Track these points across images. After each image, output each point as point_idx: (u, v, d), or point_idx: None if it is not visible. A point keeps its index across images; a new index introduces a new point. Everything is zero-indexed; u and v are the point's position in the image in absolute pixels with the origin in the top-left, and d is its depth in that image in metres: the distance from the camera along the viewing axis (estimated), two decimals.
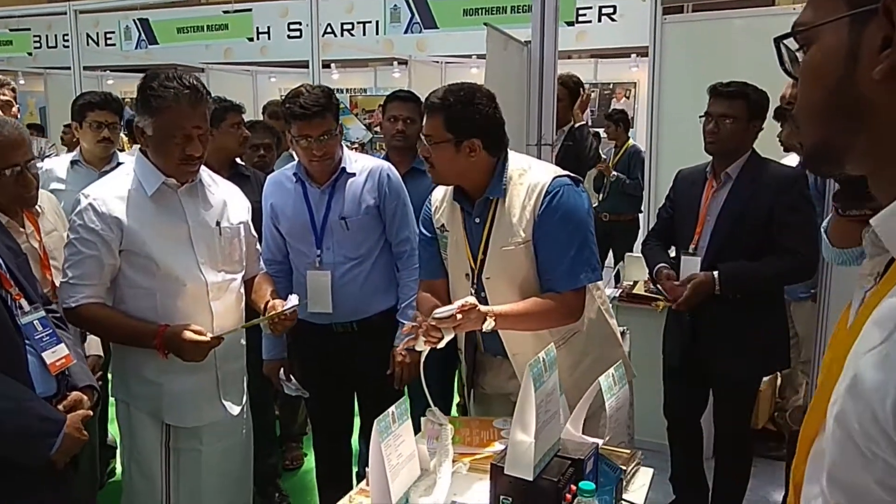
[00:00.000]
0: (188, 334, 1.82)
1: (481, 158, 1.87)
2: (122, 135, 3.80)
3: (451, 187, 1.99)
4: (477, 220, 1.93)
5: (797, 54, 0.68)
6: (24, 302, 1.66)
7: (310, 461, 3.39)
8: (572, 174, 1.92)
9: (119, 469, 3.22)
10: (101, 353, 2.47)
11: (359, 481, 2.80)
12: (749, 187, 2.49)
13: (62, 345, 1.70)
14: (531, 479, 1.33)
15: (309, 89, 2.26)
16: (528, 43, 2.72)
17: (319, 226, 2.34)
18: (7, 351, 1.57)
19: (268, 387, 2.56)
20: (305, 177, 2.36)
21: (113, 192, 1.91)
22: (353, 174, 2.35)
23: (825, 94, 0.63)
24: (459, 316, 1.67)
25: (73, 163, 2.99)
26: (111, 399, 2.10)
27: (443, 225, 2.03)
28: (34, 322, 1.66)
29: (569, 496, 1.37)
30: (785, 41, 0.69)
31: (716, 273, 2.45)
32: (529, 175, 1.89)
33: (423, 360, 1.79)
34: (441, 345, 1.71)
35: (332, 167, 2.32)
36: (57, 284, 2.16)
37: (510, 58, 2.67)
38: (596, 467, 1.50)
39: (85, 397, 1.72)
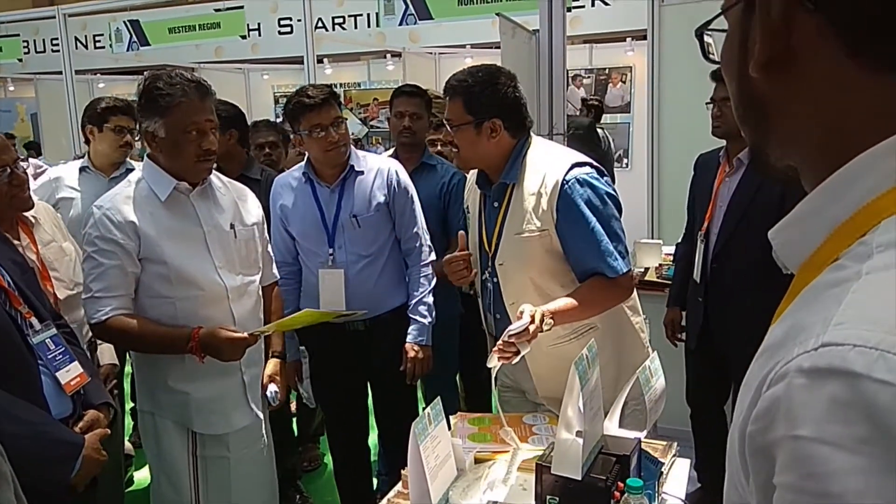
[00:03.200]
0: (225, 333, 1.80)
1: (503, 140, 1.84)
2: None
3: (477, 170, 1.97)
4: (495, 205, 1.91)
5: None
6: (34, 320, 1.62)
7: (329, 461, 3.37)
8: (593, 162, 1.88)
9: (136, 477, 3.20)
10: (116, 362, 2.43)
11: (378, 480, 2.80)
12: None
13: (76, 363, 1.66)
14: (579, 478, 1.30)
15: (311, 85, 2.31)
16: (536, 31, 2.68)
17: (331, 224, 2.32)
18: (20, 373, 1.52)
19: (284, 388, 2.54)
20: (314, 176, 2.35)
21: (125, 200, 1.87)
22: (362, 172, 2.34)
23: (735, 91, 0.58)
24: (532, 328, 1.63)
25: (81, 169, 2.95)
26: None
27: (467, 206, 2.03)
28: (46, 341, 1.62)
29: (617, 494, 1.34)
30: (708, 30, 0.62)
31: None
32: (545, 162, 1.84)
33: (494, 376, 1.73)
34: (515, 361, 1.66)
35: (343, 161, 2.31)
36: (60, 297, 2.12)
37: (518, 47, 2.63)
38: (640, 462, 1.48)
39: (101, 415, 1.69)
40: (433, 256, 2.41)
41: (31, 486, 1.48)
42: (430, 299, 2.39)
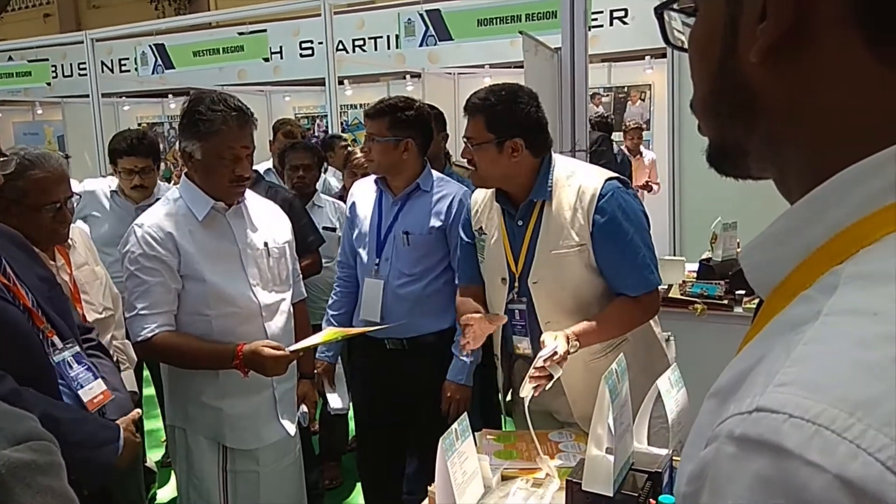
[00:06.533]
0: (268, 351, 1.81)
1: (525, 159, 1.84)
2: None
3: (491, 189, 1.96)
4: (520, 223, 1.90)
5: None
6: (56, 339, 1.61)
7: (349, 479, 3.36)
8: (621, 177, 1.89)
9: (159, 496, 3.22)
10: (136, 390, 2.44)
11: (403, 500, 2.78)
12: None
13: (99, 380, 1.66)
14: (611, 494, 1.30)
15: (388, 97, 2.33)
16: (558, 49, 2.71)
17: (383, 235, 2.34)
18: (41, 391, 1.51)
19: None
20: (383, 185, 2.37)
21: (166, 218, 1.91)
22: (427, 191, 2.33)
23: (709, 78, 0.50)
24: (561, 350, 1.62)
25: (112, 192, 2.98)
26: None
27: (481, 228, 2.01)
28: (68, 359, 1.61)
29: None
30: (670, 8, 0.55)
31: None
32: (577, 177, 1.85)
33: (527, 404, 1.69)
34: (549, 386, 1.65)
35: (409, 175, 2.32)
36: (89, 319, 2.14)
37: (541, 64, 2.66)
38: (672, 479, 1.47)
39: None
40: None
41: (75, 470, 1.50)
42: None
